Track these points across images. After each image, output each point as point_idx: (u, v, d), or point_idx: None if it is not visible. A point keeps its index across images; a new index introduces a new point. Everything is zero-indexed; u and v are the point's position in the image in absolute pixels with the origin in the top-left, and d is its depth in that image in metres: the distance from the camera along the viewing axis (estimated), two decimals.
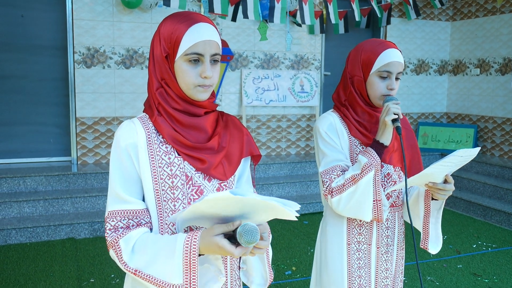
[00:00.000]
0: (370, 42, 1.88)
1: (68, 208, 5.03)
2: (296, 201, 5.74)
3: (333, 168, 1.83)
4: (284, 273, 4.08)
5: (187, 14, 1.38)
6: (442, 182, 1.77)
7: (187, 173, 1.39)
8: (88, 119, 5.69)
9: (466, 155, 1.65)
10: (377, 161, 1.75)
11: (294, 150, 6.83)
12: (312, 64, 6.79)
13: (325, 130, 1.88)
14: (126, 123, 1.41)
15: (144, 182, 1.39)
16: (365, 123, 1.87)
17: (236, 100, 6.42)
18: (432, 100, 7.69)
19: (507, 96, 6.69)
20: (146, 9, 5.73)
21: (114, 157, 1.39)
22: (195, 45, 1.34)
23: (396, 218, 1.96)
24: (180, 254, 1.25)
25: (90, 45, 5.60)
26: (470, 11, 7.25)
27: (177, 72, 1.37)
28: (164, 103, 1.38)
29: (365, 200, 1.77)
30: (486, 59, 7.00)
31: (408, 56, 7.39)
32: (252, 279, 1.53)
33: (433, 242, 1.94)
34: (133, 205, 1.37)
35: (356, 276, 1.92)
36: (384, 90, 1.82)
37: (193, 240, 1.24)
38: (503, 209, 5.55)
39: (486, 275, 4.10)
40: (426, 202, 1.89)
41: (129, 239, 1.33)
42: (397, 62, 1.81)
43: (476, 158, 6.73)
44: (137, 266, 1.30)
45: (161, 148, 1.39)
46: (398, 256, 2.00)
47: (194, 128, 1.40)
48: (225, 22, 6.17)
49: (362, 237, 1.91)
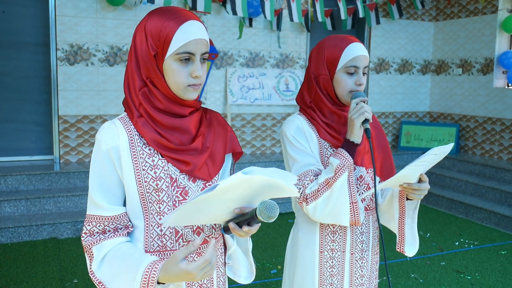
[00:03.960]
0: (331, 39, 1.81)
1: (50, 207, 4.96)
2: (281, 199, 5.76)
3: (305, 174, 1.74)
4: (269, 272, 4.08)
5: (175, 10, 1.33)
6: (417, 181, 1.72)
7: (171, 175, 1.37)
8: (71, 117, 5.62)
9: (440, 152, 1.62)
10: (349, 162, 1.69)
11: (279, 148, 6.83)
12: (297, 63, 6.80)
13: (292, 134, 1.79)
14: (107, 125, 1.37)
15: (127, 185, 1.36)
16: (334, 124, 1.80)
17: (221, 98, 6.41)
18: (415, 100, 7.77)
19: (489, 95, 6.79)
20: (131, 6, 5.68)
21: (95, 161, 1.37)
22: (186, 44, 1.30)
23: (371, 222, 1.89)
24: (138, 283, 1.25)
25: (73, 42, 5.53)
26: (452, 12, 7.34)
27: (166, 71, 1.33)
28: (146, 104, 1.34)
29: (342, 204, 1.70)
30: (468, 59, 7.09)
31: (392, 55, 7.45)
32: (239, 273, 1.54)
33: (410, 244, 1.87)
34: (110, 211, 1.36)
35: (327, 284, 1.84)
36: (353, 86, 1.76)
37: (153, 271, 1.25)
38: (485, 207, 5.63)
39: (468, 272, 4.16)
40: (401, 203, 1.83)
41: (101, 248, 1.34)
42: (363, 56, 1.75)
43: (458, 156, 6.82)
44: (102, 278, 1.32)
45: (144, 151, 1.36)
46: (373, 261, 1.93)
47: (177, 129, 1.37)
48: (210, 20, 6.14)
49: (336, 244, 1.83)
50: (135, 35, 1.35)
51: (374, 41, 7.28)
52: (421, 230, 5.28)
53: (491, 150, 6.78)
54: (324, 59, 1.78)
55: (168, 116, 1.36)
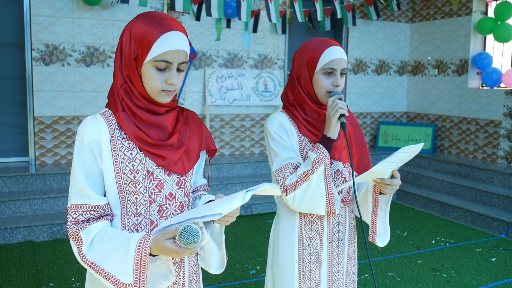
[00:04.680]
0: (313, 41, 1.93)
1: (25, 210, 4.88)
2: (260, 200, 5.77)
3: (286, 166, 1.89)
4: (248, 272, 4.08)
5: (162, 18, 1.40)
6: (389, 177, 1.83)
7: (148, 168, 1.46)
8: (46, 118, 5.53)
9: (411, 151, 1.73)
10: (326, 156, 1.83)
11: (258, 149, 6.84)
12: (275, 64, 6.82)
13: (274, 129, 1.93)
14: (90, 120, 1.45)
15: (106, 177, 1.45)
16: (314, 121, 1.93)
17: (200, 99, 6.38)
18: (392, 100, 7.86)
19: (464, 96, 6.92)
20: (107, 6, 5.62)
21: (78, 153, 1.44)
22: (165, 53, 1.38)
23: (347, 213, 2.03)
24: (132, 255, 1.33)
25: (48, 42, 5.45)
26: (428, 14, 7.45)
27: (143, 74, 1.41)
28: (127, 99, 1.43)
29: (318, 194, 1.84)
30: (444, 60, 7.21)
31: (369, 56, 7.53)
32: (210, 263, 1.61)
33: (381, 236, 2.00)
34: (96, 200, 1.44)
35: (306, 271, 1.98)
36: (330, 87, 1.89)
37: (145, 242, 1.33)
38: (460, 205, 5.73)
39: (444, 270, 4.23)
40: (375, 197, 1.95)
41: (89, 232, 1.41)
42: (340, 59, 1.87)
43: (435, 156, 6.92)
44: (93, 259, 1.39)
45: (124, 144, 1.45)
46: (350, 250, 2.06)
47: (155, 126, 1.46)
48: (188, 21, 6.12)
49: (314, 233, 1.97)
50: (122, 33, 1.44)
51: (352, 42, 7.34)
52: (398, 229, 5.35)
53: (466, 149, 6.91)
54: (305, 61, 1.92)
55: (147, 113, 1.45)
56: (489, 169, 6.07)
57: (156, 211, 1.49)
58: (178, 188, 1.52)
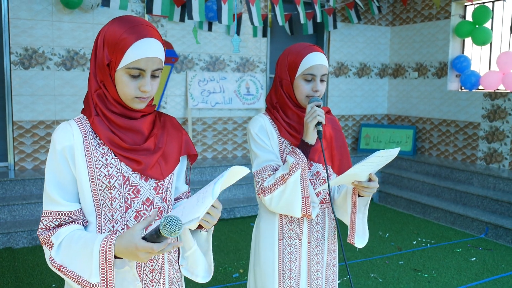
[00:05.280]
0: (296, 46, 1.96)
1: (5, 216, 4.80)
2: (243, 203, 5.78)
3: (265, 168, 1.94)
4: (231, 276, 4.08)
5: (136, 24, 1.37)
6: (367, 180, 1.87)
7: (123, 173, 1.43)
8: (26, 122, 5.46)
9: (386, 155, 1.76)
10: (303, 161, 1.87)
11: (241, 152, 6.84)
12: (257, 67, 6.84)
13: (256, 132, 1.97)
14: (63, 126, 1.43)
15: (80, 183, 1.42)
16: (294, 124, 1.97)
17: (182, 102, 6.36)
18: (374, 103, 7.94)
19: (443, 98, 7.02)
20: (87, 10, 5.57)
21: (50, 159, 1.42)
22: (138, 60, 1.35)
23: (326, 214, 2.06)
24: (97, 254, 1.31)
25: (27, 46, 5.38)
26: (408, 17, 7.54)
27: (117, 81, 1.39)
28: (101, 105, 1.41)
29: (294, 197, 1.89)
30: (424, 63, 7.31)
31: (350, 59, 7.59)
32: (197, 273, 1.59)
33: (360, 237, 2.03)
34: (66, 207, 1.42)
35: (286, 270, 2.02)
36: (309, 92, 1.92)
37: (109, 241, 1.32)
38: (441, 206, 5.81)
39: (425, 270, 4.28)
40: (353, 199, 1.98)
41: (59, 235, 1.40)
42: (320, 65, 1.90)
43: (415, 158, 7.01)
44: (62, 261, 1.37)
45: (98, 150, 1.43)
46: (329, 250, 2.10)
47: (130, 130, 1.43)
48: (170, 24, 6.10)
49: (293, 233, 2.01)
50: (97, 37, 1.41)
51: (333, 45, 7.40)
52: (380, 230, 5.39)
53: (446, 151, 7.00)
54: (286, 65, 1.95)
55: (121, 117, 1.42)
56: (468, 170, 6.16)
57: (133, 217, 1.45)
58: (156, 193, 1.49)
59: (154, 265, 1.50)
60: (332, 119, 2.08)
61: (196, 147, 6.47)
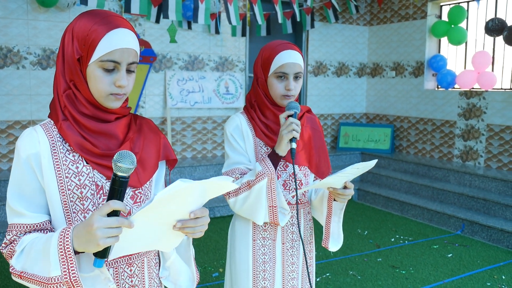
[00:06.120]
0: (271, 44, 1.92)
1: None
2: (222, 203, 5.76)
3: (233, 171, 1.94)
4: (211, 275, 4.07)
5: (106, 15, 1.27)
6: (342, 187, 1.85)
7: (97, 182, 1.31)
8: (1, 123, 5.36)
9: (362, 167, 1.77)
10: (271, 171, 1.84)
11: (220, 151, 6.83)
12: (236, 66, 6.83)
13: (231, 131, 1.96)
14: (28, 132, 1.31)
15: (49, 194, 1.30)
16: (271, 123, 1.94)
17: (161, 102, 6.32)
18: (352, 102, 8.00)
19: (420, 97, 7.11)
20: (64, 8, 5.49)
21: (15, 168, 1.31)
22: (112, 52, 1.25)
23: (302, 215, 2.05)
24: (55, 246, 1.19)
25: (2, 45, 5.28)
26: (385, 17, 7.63)
27: (89, 77, 1.28)
28: (71, 107, 1.29)
29: (257, 205, 1.88)
30: (401, 62, 7.40)
31: (329, 59, 7.64)
32: (180, 283, 1.48)
33: (335, 240, 2.03)
34: (32, 218, 1.30)
35: (260, 271, 2.01)
36: (283, 91, 1.88)
37: (67, 230, 1.19)
38: (418, 204, 5.89)
39: (403, 267, 4.33)
40: (329, 204, 1.98)
41: (22, 243, 1.29)
42: (292, 63, 1.85)
43: (393, 156, 7.09)
44: (22, 267, 1.26)
45: (68, 157, 1.31)
46: (306, 250, 2.08)
47: (103, 134, 1.31)
48: (148, 23, 6.06)
49: (267, 233, 2.00)
50: (64, 34, 1.30)
51: (311, 45, 7.43)
52: (359, 228, 5.44)
53: (423, 149, 7.10)
54: (261, 62, 1.92)
55: (93, 120, 1.31)
56: (445, 168, 6.26)
57: None
58: (134, 202, 1.37)
59: (134, 280, 1.40)
60: (312, 118, 2.06)
61: (175, 146, 6.44)
